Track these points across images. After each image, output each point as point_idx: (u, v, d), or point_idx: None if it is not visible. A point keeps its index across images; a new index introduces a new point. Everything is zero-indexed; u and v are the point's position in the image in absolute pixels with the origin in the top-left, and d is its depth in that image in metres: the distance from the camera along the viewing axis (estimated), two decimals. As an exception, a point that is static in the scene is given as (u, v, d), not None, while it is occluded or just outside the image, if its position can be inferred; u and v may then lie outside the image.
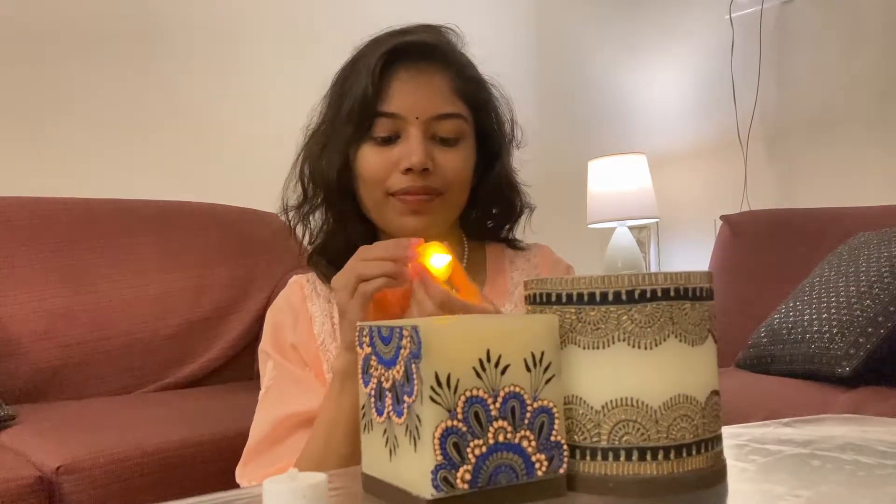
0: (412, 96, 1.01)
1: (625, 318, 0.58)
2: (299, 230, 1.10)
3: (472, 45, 1.11)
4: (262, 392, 1.04)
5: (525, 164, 1.15)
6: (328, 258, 1.07)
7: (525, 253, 1.15)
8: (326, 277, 1.04)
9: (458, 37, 1.10)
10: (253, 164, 2.43)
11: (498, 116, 1.10)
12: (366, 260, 0.86)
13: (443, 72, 1.04)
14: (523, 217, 1.16)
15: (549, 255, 1.17)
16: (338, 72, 1.08)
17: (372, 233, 1.07)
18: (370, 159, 1.02)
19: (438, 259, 0.85)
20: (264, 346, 1.07)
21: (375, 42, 1.05)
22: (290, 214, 1.09)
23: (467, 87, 1.05)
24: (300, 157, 1.08)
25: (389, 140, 1.02)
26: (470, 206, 1.10)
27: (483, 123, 1.08)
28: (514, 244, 1.16)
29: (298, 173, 1.08)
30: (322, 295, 1.08)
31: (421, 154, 0.99)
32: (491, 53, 1.13)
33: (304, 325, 1.06)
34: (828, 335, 1.56)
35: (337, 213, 1.06)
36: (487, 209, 1.13)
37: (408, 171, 0.99)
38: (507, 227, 1.15)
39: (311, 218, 1.09)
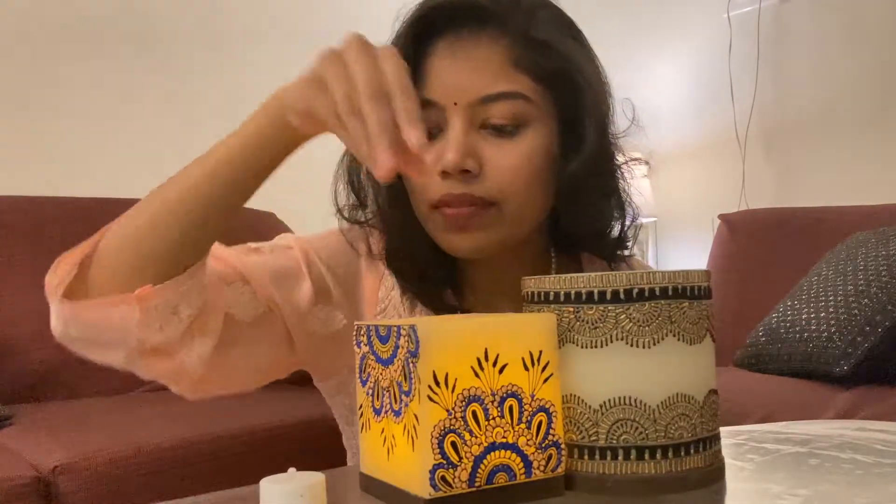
0: (450, 75, 0.79)
1: (623, 316, 0.57)
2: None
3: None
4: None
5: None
6: (409, 263, 0.86)
7: (622, 266, 0.93)
8: (405, 289, 0.86)
9: None
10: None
11: (585, 90, 0.82)
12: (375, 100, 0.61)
13: (495, 37, 0.80)
14: (633, 230, 0.90)
15: (644, 268, 0.97)
16: None
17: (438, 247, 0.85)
18: None
19: None
20: (293, 239, 0.87)
21: (414, 9, 0.82)
22: (348, 218, 0.88)
23: (533, 55, 0.79)
24: (345, 157, 0.87)
25: (432, 136, 0.79)
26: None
27: (565, 101, 0.82)
28: (612, 257, 0.91)
29: (346, 176, 0.87)
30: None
31: (455, 151, 0.77)
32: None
33: (371, 280, 0.87)
34: (826, 334, 1.56)
35: (397, 230, 0.85)
36: (567, 215, 0.85)
37: (444, 174, 0.78)
38: (610, 239, 0.89)
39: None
